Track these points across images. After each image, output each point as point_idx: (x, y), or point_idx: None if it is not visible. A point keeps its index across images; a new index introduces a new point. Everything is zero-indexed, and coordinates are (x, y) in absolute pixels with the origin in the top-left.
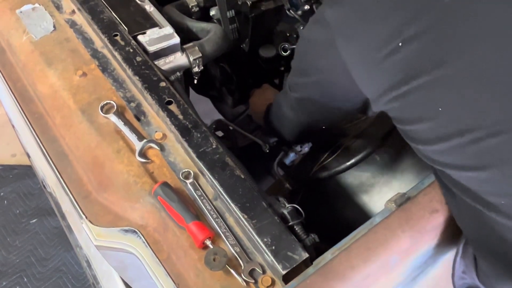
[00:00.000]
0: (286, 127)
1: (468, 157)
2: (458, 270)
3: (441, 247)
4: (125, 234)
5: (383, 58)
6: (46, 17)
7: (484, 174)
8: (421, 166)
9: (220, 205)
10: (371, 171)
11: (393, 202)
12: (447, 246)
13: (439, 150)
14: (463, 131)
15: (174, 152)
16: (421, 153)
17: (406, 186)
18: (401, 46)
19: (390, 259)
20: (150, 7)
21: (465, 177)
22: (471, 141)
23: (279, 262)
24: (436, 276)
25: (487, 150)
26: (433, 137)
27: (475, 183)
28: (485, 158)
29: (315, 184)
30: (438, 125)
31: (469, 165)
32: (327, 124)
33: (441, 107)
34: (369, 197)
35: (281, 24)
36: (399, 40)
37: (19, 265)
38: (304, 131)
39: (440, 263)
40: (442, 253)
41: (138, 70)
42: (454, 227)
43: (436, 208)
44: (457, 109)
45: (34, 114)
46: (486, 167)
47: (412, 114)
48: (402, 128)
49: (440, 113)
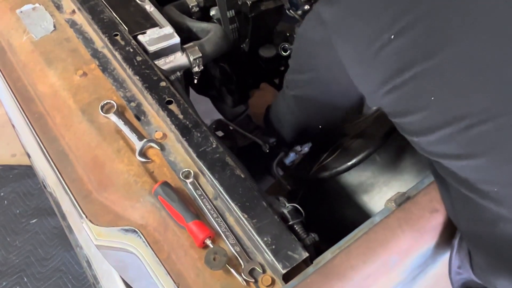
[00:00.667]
0: (285, 128)
1: (460, 145)
2: (454, 265)
3: (441, 246)
4: (125, 233)
5: (377, 51)
6: (46, 17)
7: (476, 162)
8: (421, 166)
9: (220, 205)
10: (371, 171)
11: (393, 202)
12: (447, 245)
13: (433, 140)
14: (454, 119)
15: (174, 152)
16: (417, 145)
17: (406, 185)
18: (393, 39)
19: (390, 258)
20: (150, 7)
21: (459, 166)
22: (462, 129)
23: (279, 262)
24: (436, 275)
25: (477, 137)
26: (427, 127)
27: (468, 171)
28: (476, 146)
29: (315, 184)
30: (431, 114)
31: (461, 153)
32: (325, 124)
33: (433, 97)
34: (369, 196)
35: (281, 24)
36: (391, 33)
37: (19, 265)
38: (302, 131)
39: (440, 263)
40: (442, 253)
41: (138, 69)
42: (454, 226)
43: (436, 208)
44: (447, 97)
45: (34, 114)
46: (477, 154)
47: (406, 105)
48: (398, 122)
49: (432, 103)
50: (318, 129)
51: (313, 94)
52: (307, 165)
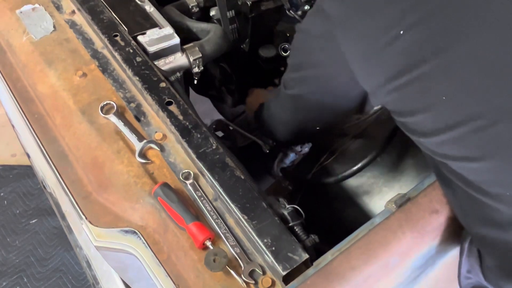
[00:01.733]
0: (277, 127)
1: (471, 147)
2: (463, 269)
3: (441, 247)
4: (125, 234)
5: (384, 47)
6: (46, 18)
7: (487, 164)
8: (421, 167)
9: (220, 206)
10: (371, 172)
11: (393, 203)
12: (447, 246)
13: (441, 141)
14: (466, 119)
15: (174, 153)
16: (423, 146)
17: (406, 186)
18: (402, 34)
19: (390, 260)
20: (150, 7)
21: (468, 168)
22: (474, 130)
23: (279, 263)
24: (436, 277)
25: (488, 139)
26: (436, 128)
27: (478, 173)
28: (487, 148)
29: (317, 187)
30: (441, 114)
31: (472, 155)
32: (322, 124)
33: (444, 96)
34: (369, 198)
35: (281, 24)
36: (400, 28)
37: (19, 265)
38: (298, 131)
39: (440, 264)
40: (442, 254)
41: (138, 70)
42: (454, 227)
43: (436, 209)
44: (459, 96)
45: (34, 115)
46: (489, 156)
47: (413, 104)
48: (402, 121)
49: (442, 102)
50: (315, 129)
51: (312, 91)
52: (307, 166)
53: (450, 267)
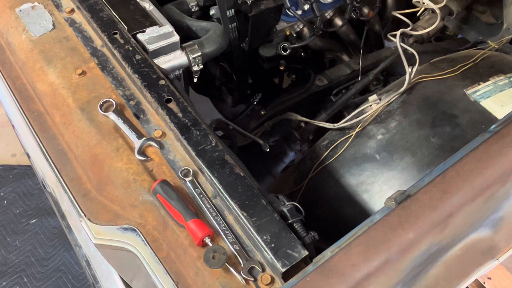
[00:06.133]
0: None
1: None
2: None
3: (441, 245)
4: (124, 232)
5: None
6: (46, 16)
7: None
8: (421, 164)
9: (220, 203)
10: (371, 169)
11: (393, 200)
12: (447, 244)
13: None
14: None
15: (173, 150)
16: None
17: (406, 184)
18: None
19: (390, 257)
20: (150, 5)
21: None
22: None
23: (278, 260)
24: (436, 274)
25: None
26: None
27: None
28: None
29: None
30: None
31: None
32: None
33: None
34: (369, 195)
35: (281, 23)
36: None
37: (19, 265)
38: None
39: (440, 262)
40: (443, 252)
41: (137, 68)
42: (454, 224)
43: (436, 206)
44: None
45: (33, 112)
46: None
47: None
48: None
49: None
50: None
51: None
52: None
53: (450, 265)
